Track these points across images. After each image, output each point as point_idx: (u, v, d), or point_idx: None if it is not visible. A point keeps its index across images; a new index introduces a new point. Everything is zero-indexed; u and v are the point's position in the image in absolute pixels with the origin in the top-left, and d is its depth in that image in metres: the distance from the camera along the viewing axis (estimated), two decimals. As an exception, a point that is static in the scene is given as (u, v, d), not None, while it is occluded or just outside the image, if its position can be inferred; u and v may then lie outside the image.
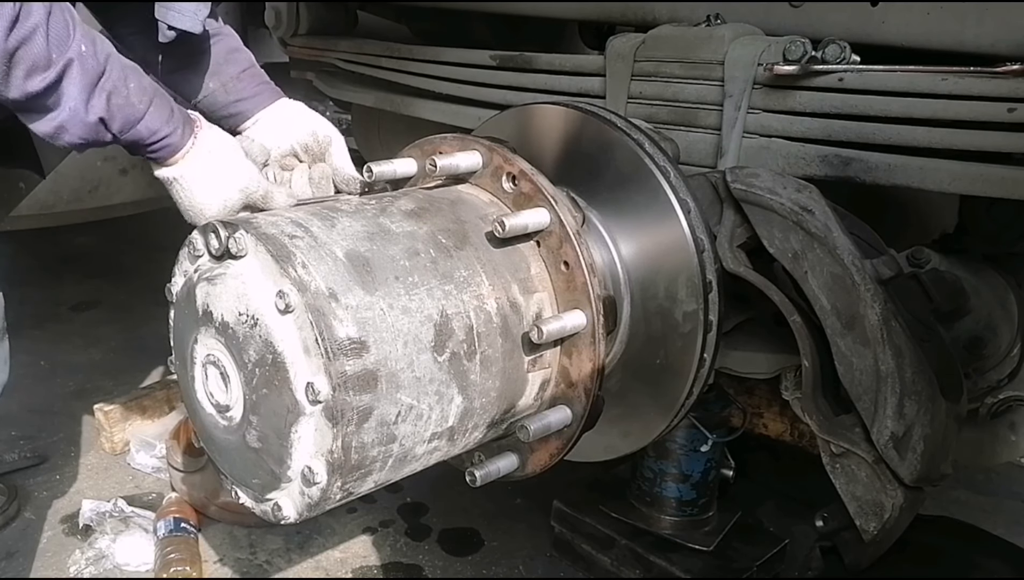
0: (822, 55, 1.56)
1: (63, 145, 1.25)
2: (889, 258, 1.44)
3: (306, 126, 1.56)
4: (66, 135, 1.22)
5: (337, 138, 1.56)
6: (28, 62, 1.13)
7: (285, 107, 1.61)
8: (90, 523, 2.44)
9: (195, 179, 1.36)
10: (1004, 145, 1.41)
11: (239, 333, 1.12)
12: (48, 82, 1.16)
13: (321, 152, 1.55)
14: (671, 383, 1.45)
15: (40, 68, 1.15)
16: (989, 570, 1.76)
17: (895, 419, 1.37)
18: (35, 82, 1.15)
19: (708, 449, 2.16)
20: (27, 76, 1.14)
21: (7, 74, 1.13)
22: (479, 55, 2.24)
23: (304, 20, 2.84)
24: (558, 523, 2.40)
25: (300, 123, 1.57)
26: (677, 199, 1.41)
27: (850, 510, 1.47)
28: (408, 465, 1.20)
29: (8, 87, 1.14)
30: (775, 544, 2.25)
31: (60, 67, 1.17)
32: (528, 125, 1.55)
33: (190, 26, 1.43)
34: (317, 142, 1.55)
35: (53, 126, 1.21)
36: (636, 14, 1.99)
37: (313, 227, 1.16)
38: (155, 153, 1.33)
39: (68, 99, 1.19)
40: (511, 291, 1.27)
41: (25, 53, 1.13)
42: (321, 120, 1.58)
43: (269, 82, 1.64)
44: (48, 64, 1.15)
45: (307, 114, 1.60)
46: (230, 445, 1.19)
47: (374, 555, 2.45)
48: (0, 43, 1.10)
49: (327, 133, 1.55)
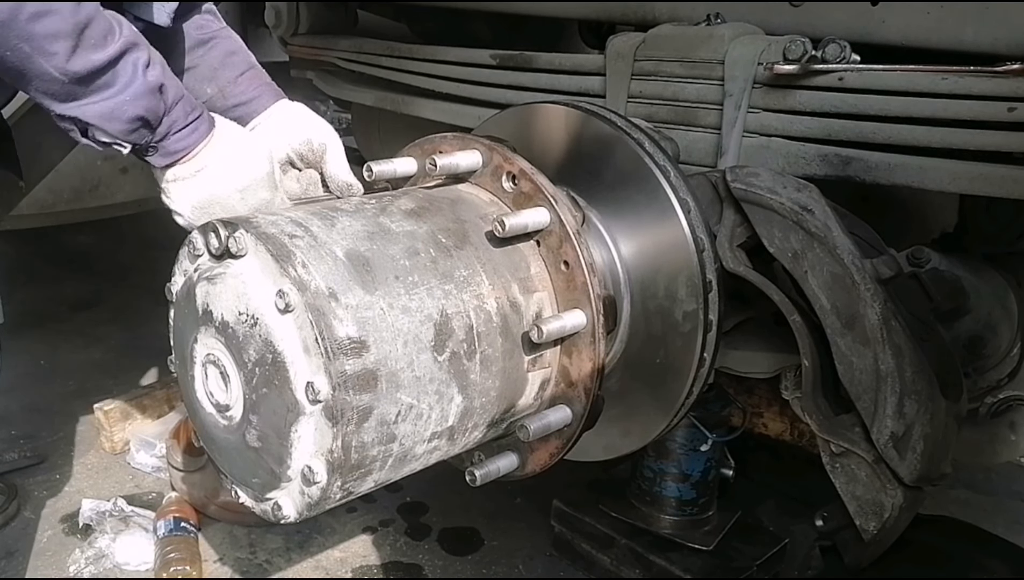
0: (822, 54, 1.55)
1: (114, 132, 1.25)
2: (889, 258, 1.44)
3: (302, 133, 1.54)
4: (127, 109, 1.23)
5: (333, 144, 1.55)
6: (94, 35, 1.17)
7: (284, 111, 1.60)
8: (90, 522, 2.45)
9: (219, 167, 1.36)
10: (1004, 145, 1.41)
11: (239, 332, 1.12)
12: (111, 54, 1.19)
13: (317, 159, 1.55)
14: (671, 382, 1.45)
15: (102, 43, 1.18)
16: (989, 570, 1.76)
17: (895, 418, 1.37)
18: (100, 54, 1.18)
19: (708, 449, 2.16)
20: (94, 48, 1.17)
21: (75, 47, 1.15)
22: (479, 54, 2.24)
23: (304, 19, 2.84)
24: (558, 522, 2.40)
25: (297, 130, 1.55)
26: (677, 198, 1.41)
27: (850, 509, 1.47)
28: (408, 464, 1.20)
29: (73, 60, 1.16)
30: (775, 543, 2.25)
31: (121, 42, 1.20)
32: (528, 124, 1.55)
33: (157, 18, 1.43)
34: (312, 150, 1.54)
35: (114, 103, 1.22)
36: (636, 13, 1.99)
37: (313, 227, 1.16)
38: (187, 138, 1.32)
39: (130, 72, 1.22)
40: (511, 290, 1.27)
41: (92, 28, 1.17)
42: (319, 125, 1.57)
43: (270, 83, 1.63)
44: (108, 39, 1.19)
45: (305, 119, 1.58)
46: (230, 444, 1.19)
47: (374, 554, 2.45)
48: (73, 14, 1.14)
49: (322, 140, 1.54)
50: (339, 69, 2.77)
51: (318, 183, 1.53)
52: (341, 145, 1.56)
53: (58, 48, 1.14)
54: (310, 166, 1.55)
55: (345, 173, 1.53)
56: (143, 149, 1.31)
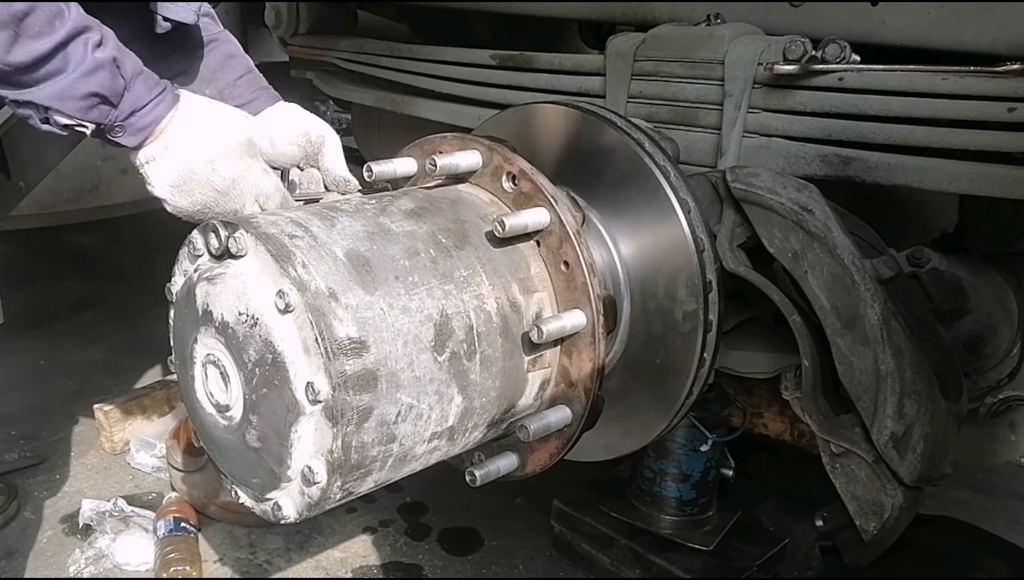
0: (822, 55, 1.55)
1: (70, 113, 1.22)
2: (889, 258, 1.44)
3: (299, 129, 1.54)
4: (80, 86, 1.21)
5: (331, 139, 1.55)
6: (35, 26, 1.14)
7: (280, 111, 1.60)
8: (90, 523, 2.45)
9: (188, 139, 1.32)
10: (1004, 145, 1.41)
11: (239, 333, 1.12)
12: (57, 41, 1.17)
13: (314, 153, 1.55)
14: (671, 383, 1.45)
15: (46, 31, 1.16)
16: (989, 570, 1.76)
17: (895, 419, 1.37)
18: (45, 42, 1.16)
19: (708, 449, 2.16)
20: (37, 36, 1.15)
21: (15, 38, 1.13)
22: (479, 54, 2.24)
23: (304, 19, 2.84)
24: (558, 523, 2.40)
25: (294, 126, 1.55)
26: (677, 199, 1.41)
27: (850, 510, 1.47)
28: (408, 465, 1.20)
29: (13, 51, 1.14)
30: (775, 544, 2.25)
31: (67, 28, 1.18)
32: (528, 124, 1.55)
33: (184, 16, 1.43)
34: (310, 143, 1.54)
35: (65, 83, 1.20)
36: (636, 14, 1.99)
37: (313, 227, 1.16)
38: (149, 114, 1.30)
39: (78, 54, 1.19)
40: (511, 291, 1.27)
41: (32, 19, 1.14)
42: (315, 122, 1.57)
43: (267, 87, 1.64)
44: (52, 28, 1.16)
45: (301, 117, 1.58)
46: (230, 445, 1.19)
47: (374, 555, 2.45)
48: (4, 9, 1.11)
49: (320, 134, 1.54)
50: (339, 69, 2.77)
51: (319, 181, 1.54)
52: (338, 141, 1.57)
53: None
54: (309, 162, 1.55)
55: (341, 168, 1.53)
56: (110, 130, 1.28)
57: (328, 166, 1.54)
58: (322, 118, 1.61)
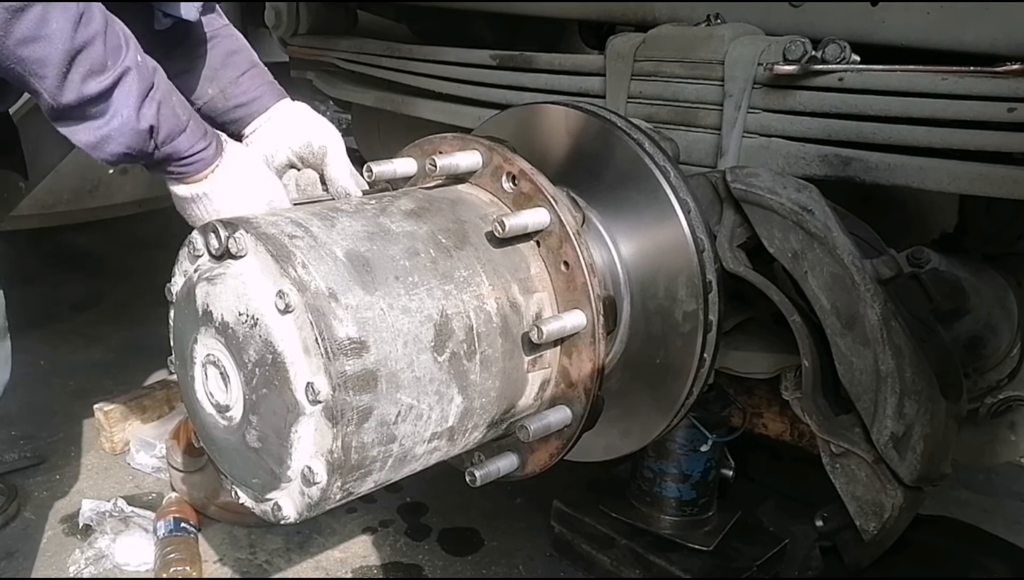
0: (822, 55, 1.55)
1: (101, 158, 1.23)
2: (889, 258, 1.44)
3: (303, 136, 1.54)
4: (111, 145, 1.21)
5: (334, 147, 1.54)
6: (88, 64, 1.13)
7: (286, 112, 1.59)
8: (90, 523, 2.44)
9: (224, 194, 1.36)
10: (1004, 145, 1.41)
11: (239, 333, 1.12)
12: (104, 86, 1.16)
13: (317, 163, 1.54)
14: (671, 383, 1.45)
15: (97, 72, 1.15)
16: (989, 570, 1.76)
17: (895, 419, 1.37)
18: (92, 85, 1.15)
19: (708, 449, 2.16)
20: (85, 79, 1.14)
21: (65, 76, 1.13)
22: (479, 55, 2.24)
23: (304, 20, 2.84)
24: (558, 523, 2.40)
25: (298, 132, 1.55)
26: (677, 199, 1.41)
27: (850, 510, 1.47)
28: (408, 465, 1.20)
29: (63, 90, 1.14)
30: (775, 544, 2.24)
31: (117, 73, 1.17)
32: (528, 125, 1.55)
33: (184, 13, 1.42)
34: (313, 153, 1.53)
35: (100, 135, 1.20)
36: (636, 14, 1.99)
37: (313, 227, 1.16)
38: (187, 167, 1.32)
39: (120, 107, 1.19)
40: (511, 291, 1.27)
41: (86, 55, 1.13)
42: (320, 127, 1.56)
43: (272, 82, 1.62)
44: (104, 68, 1.16)
45: (306, 121, 1.57)
46: (230, 445, 1.19)
47: (374, 555, 2.45)
48: (66, 42, 1.10)
49: (323, 143, 1.53)
50: (339, 69, 2.76)
51: (316, 182, 1.53)
52: (343, 147, 1.55)
53: (47, 73, 1.12)
54: (311, 168, 1.55)
55: (345, 178, 1.52)
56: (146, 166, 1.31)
57: (332, 176, 1.53)
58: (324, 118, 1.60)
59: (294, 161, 1.55)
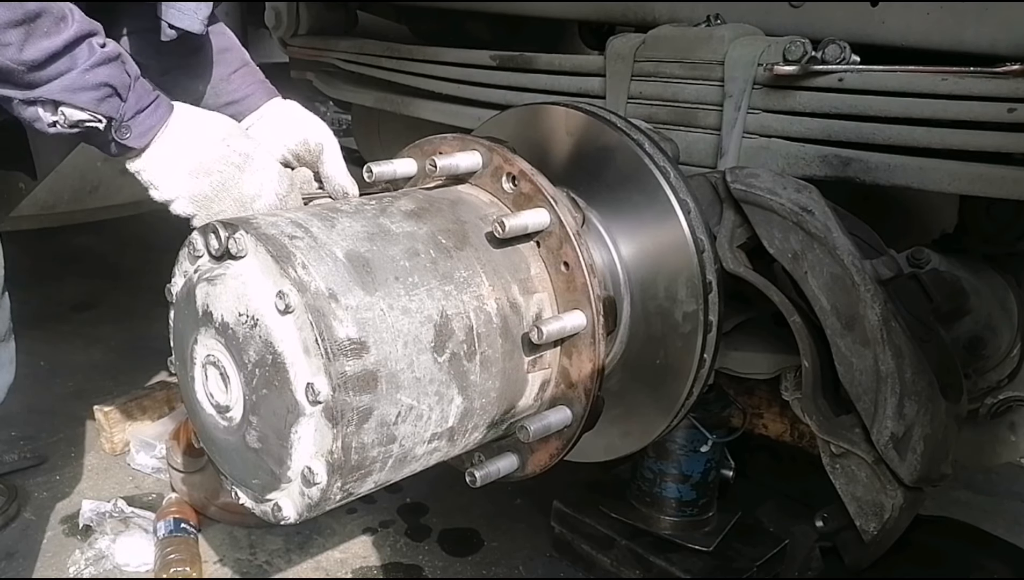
0: (822, 55, 1.55)
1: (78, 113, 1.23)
2: (889, 258, 1.44)
3: (298, 134, 1.53)
4: (86, 84, 1.22)
5: (329, 145, 1.53)
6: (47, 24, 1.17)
7: (278, 110, 1.58)
8: (90, 523, 2.44)
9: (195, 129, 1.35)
10: (1004, 145, 1.41)
11: (239, 333, 1.12)
12: (66, 40, 1.18)
13: (313, 161, 1.53)
14: (671, 383, 1.45)
15: (56, 29, 1.18)
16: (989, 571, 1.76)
17: (895, 419, 1.37)
18: (55, 40, 1.18)
19: (708, 449, 2.16)
20: (47, 35, 1.17)
21: (27, 36, 1.15)
22: (479, 55, 2.24)
23: (304, 20, 2.84)
24: (558, 523, 2.40)
25: (292, 130, 1.54)
26: (677, 199, 1.41)
27: (850, 510, 1.47)
28: (408, 465, 1.20)
29: (26, 49, 1.16)
30: (775, 544, 2.24)
31: (75, 28, 1.20)
32: (528, 125, 1.55)
33: (190, 25, 1.41)
34: (308, 151, 1.53)
35: (74, 76, 1.21)
36: (636, 14, 1.99)
37: (313, 227, 1.16)
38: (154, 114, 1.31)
39: (84, 53, 1.21)
40: (511, 292, 1.27)
41: (43, 17, 1.16)
42: (314, 125, 1.55)
43: (263, 81, 1.61)
44: (61, 27, 1.18)
45: (300, 119, 1.56)
46: (230, 445, 1.19)
47: (374, 555, 2.45)
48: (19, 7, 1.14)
49: (319, 141, 1.52)
50: (339, 70, 2.76)
51: (311, 181, 1.52)
52: (337, 145, 1.55)
53: (11, 38, 1.14)
54: (306, 166, 1.54)
55: (342, 176, 1.51)
56: (118, 129, 1.29)
57: (328, 174, 1.52)
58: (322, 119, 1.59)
59: (289, 159, 1.54)
